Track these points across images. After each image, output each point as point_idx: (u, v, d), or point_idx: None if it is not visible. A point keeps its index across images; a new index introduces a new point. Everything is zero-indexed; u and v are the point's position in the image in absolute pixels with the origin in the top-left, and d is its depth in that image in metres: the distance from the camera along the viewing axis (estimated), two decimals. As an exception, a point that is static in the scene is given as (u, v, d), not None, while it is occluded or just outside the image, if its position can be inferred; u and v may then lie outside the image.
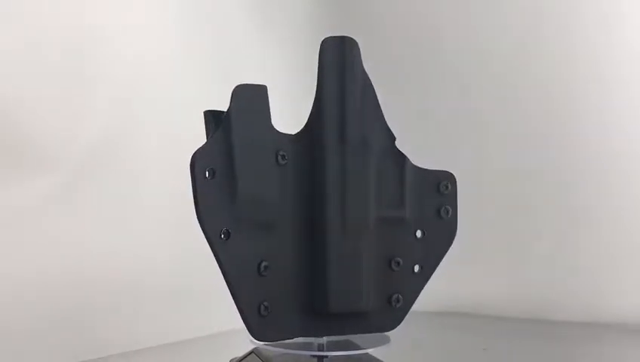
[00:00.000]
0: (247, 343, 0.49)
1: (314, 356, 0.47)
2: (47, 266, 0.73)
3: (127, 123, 0.81)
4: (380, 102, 0.50)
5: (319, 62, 0.48)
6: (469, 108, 1.03)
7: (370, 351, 0.46)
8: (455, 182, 0.50)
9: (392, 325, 0.50)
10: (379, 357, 0.47)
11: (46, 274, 0.72)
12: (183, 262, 0.86)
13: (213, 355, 0.75)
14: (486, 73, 1.02)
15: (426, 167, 0.51)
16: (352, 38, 0.49)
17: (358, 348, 0.47)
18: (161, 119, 0.85)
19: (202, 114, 0.50)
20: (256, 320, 0.44)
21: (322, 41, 0.48)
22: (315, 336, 0.48)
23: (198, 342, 0.85)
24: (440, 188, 0.50)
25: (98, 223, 0.78)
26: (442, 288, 1.05)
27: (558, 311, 0.96)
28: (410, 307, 0.50)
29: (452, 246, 1.04)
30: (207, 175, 0.43)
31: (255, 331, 0.44)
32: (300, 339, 0.49)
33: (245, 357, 0.50)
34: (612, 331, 0.91)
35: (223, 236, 0.44)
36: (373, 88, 0.50)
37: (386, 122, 0.50)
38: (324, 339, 0.48)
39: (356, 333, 0.49)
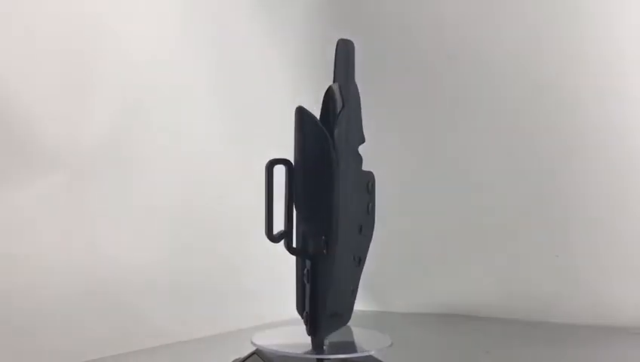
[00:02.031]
0: (248, 344, 0.49)
1: (319, 359, 0.47)
2: (46, 266, 0.72)
3: (130, 122, 0.81)
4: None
5: (336, 64, 0.48)
6: (468, 109, 1.03)
7: (372, 352, 0.46)
8: (375, 180, 0.53)
9: (350, 317, 0.52)
10: (382, 359, 0.47)
11: (46, 274, 0.72)
12: (184, 262, 0.86)
13: (215, 356, 0.75)
14: (486, 73, 1.02)
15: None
16: (351, 41, 0.50)
17: (361, 349, 0.47)
18: (164, 119, 0.85)
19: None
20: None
21: (338, 42, 0.48)
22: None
23: (200, 342, 0.84)
24: (368, 187, 0.53)
25: (99, 223, 0.78)
26: (443, 290, 1.06)
27: (560, 313, 0.96)
28: (355, 298, 0.53)
29: (452, 246, 1.05)
30: None
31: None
32: (300, 341, 0.49)
33: (247, 357, 0.50)
34: (614, 333, 0.90)
35: None
36: (357, 88, 0.51)
37: (362, 123, 0.51)
38: (327, 341, 0.48)
39: (337, 329, 0.50)
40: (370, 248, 0.53)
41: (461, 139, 1.04)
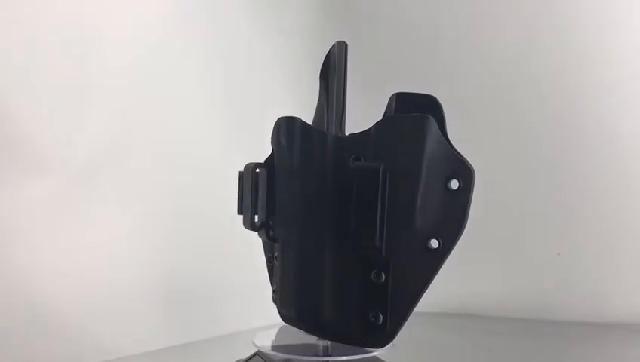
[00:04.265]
0: (250, 345, 0.49)
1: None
2: (46, 267, 0.72)
3: (128, 123, 0.81)
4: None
5: (338, 66, 0.48)
6: (467, 110, 1.03)
7: (375, 353, 0.46)
8: None
9: None
10: (385, 359, 0.47)
11: (45, 274, 0.72)
12: (185, 264, 0.86)
13: (217, 357, 0.75)
14: (483, 74, 1.01)
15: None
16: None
17: (364, 351, 0.47)
18: (162, 120, 0.85)
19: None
20: None
21: (343, 44, 0.48)
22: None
23: (203, 344, 0.84)
24: None
25: (98, 225, 0.78)
26: (444, 289, 1.05)
27: (561, 311, 0.96)
28: None
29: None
30: None
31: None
32: (304, 341, 0.49)
33: (249, 359, 0.50)
34: (614, 331, 0.90)
35: None
36: None
37: None
38: (329, 342, 0.48)
39: None
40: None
41: (462, 140, 1.03)
